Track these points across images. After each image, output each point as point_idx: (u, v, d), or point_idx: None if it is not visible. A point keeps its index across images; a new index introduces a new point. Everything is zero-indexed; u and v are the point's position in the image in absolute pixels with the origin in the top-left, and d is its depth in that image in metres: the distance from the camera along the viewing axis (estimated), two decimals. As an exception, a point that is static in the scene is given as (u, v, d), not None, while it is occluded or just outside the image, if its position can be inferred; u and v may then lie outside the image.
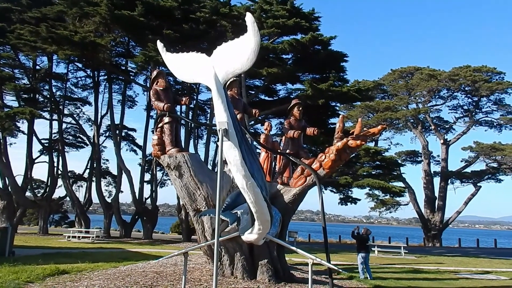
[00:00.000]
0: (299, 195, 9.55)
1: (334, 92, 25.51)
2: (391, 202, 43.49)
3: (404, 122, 45.56)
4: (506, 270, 18.28)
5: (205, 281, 8.43)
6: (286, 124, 10.19)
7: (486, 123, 45.88)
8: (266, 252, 9.15)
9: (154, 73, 10.29)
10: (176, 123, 10.06)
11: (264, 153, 11.44)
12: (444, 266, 18.79)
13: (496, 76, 43.33)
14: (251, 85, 30.58)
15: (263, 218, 6.97)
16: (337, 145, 8.78)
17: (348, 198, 34.63)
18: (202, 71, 6.63)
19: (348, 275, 13.20)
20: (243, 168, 6.28)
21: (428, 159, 46.05)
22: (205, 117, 35.78)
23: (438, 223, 43.66)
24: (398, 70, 46.77)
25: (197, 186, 9.21)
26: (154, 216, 31.72)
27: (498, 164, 43.64)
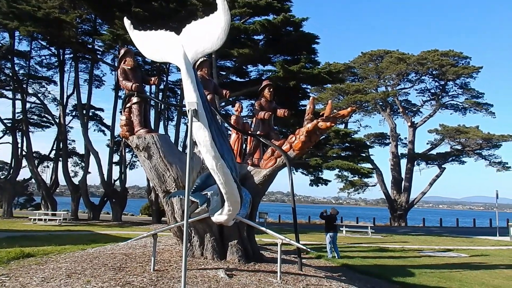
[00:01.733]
0: (269, 177, 9.57)
1: (305, 74, 25.55)
2: (359, 183, 44.43)
3: (373, 104, 46.31)
4: (466, 248, 19.04)
5: (174, 262, 8.40)
6: (257, 105, 10.14)
7: (451, 106, 47.20)
8: (236, 233, 9.18)
9: (121, 51, 9.97)
10: (145, 103, 9.84)
11: (235, 135, 11.38)
12: (409, 245, 19.41)
13: (462, 60, 44.43)
14: (222, 66, 30.28)
15: (233, 199, 6.96)
16: (307, 126, 8.80)
17: (318, 180, 35.13)
18: (171, 50, 6.47)
19: (317, 255, 13.47)
20: (213, 149, 6.22)
21: (396, 141, 47.09)
22: (175, 99, 35.32)
23: (404, 203, 44.95)
24: (368, 53, 47.27)
25: (166, 167, 9.09)
26: (123, 198, 31.35)
27: (462, 147, 45.09)
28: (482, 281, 10.67)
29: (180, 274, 6.69)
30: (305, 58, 26.48)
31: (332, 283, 8.16)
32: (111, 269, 7.48)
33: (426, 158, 46.69)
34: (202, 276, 7.31)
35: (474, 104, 45.27)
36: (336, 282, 8.43)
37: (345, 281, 8.90)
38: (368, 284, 9.07)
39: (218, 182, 6.64)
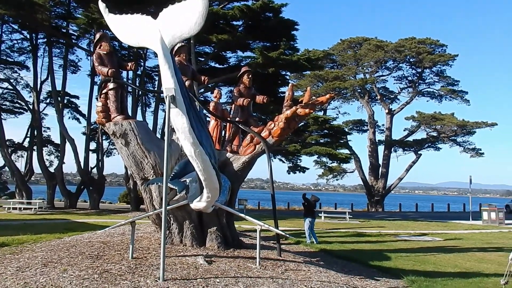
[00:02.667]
0: (248, 163, 9.57)
1: (284, 60, 25.47)
2: (338, 170, 44.95)
3: (352, 91, 46.64)
4: (441, 232, 19.52)
5: (153, 249, 8.36)
6: (236, 91, 10.09)
7: (428, 93, 47.90)
8: (215, 220, 9.18)
9: (97, 36, 9.74)
10: (121, 89, 9.66)
11: (214, 121, 11.32)
12: (385, 230, 19.78)
13: (438, 48, 45.01)
14: (201, 52, 29.95)
15: (211, 186, 6.94)
16: (286, 113, 8.81)
17: (296, 167, 35.36)
18: (148, 35, 6.35)
19: (296, 240, 13.60)
20: (191, 136, 6.16)
21: (374, 128, 47.65)
22: (152, 85, 34.84)
23: (381, 189, 45.70)
24: (347, 40, 47.42)
25: (144, 154, 8.98)
26: (100, 185, 30.96)
27: (437, 133, 45.93)
28: (455, 263, 10.97)
29: (159, 261, 6.67)
30: (284, 44, 26.36)
31: (311, 268, 8.26)
32: (89, 258, 7.40)
33: (403, 144, 47.42)
34: (181, 263, 7.30)
35: (449, 92, 46.04)
36: (314, 267, 8.55)
37: (323, 265, 9.02)
38: (345, 268, 9.21)
39: (196, 169, 6.61)
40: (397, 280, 8.40)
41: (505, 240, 16.35)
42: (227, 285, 6.27)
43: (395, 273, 9.00)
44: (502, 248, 13.94)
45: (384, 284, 7.96)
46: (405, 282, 8.08)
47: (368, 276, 8.52)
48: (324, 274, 7.90)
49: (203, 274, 6.72)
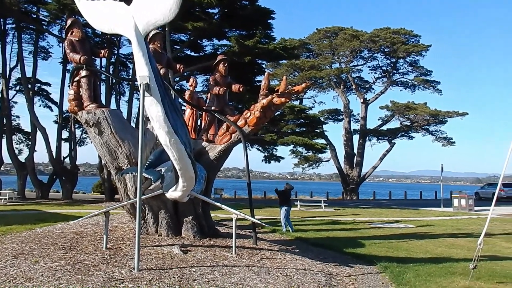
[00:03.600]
0: (224, 152, 9.55)
1: (261, 49, 25.38)
2: (313, 159, 45.33)
3: (328, 81, 46.91)
4: (413, 219, 19.97)
5: (128, 239, 8.28)
6: (212, 80, 10.01)
7: (402, 83, 48.59)
8: (191, 209, 9.15)
9: (68, 22, 9.49)
10: (94, 77, 9.46)
11: (189, 110, 11.21)
12: (360, 217, 20.10)
13: (412, 38, 45.61)
14: (176, 40, 29.51)
15: (187, 175, 6.90)
16: (262, 102, 8.80)
17: (272, 156, 35.45)
18: (121, 21, 6.23)
19: (272, 229, 13.68)
20: (166, 125, 6.10)
21: (349, 117, 48.15)
22: (127, 73, 34.21)
23: (356, 177, 46.37)
24: (323, 29, 47.55)
25: (118, 143, 8.84)
26: (73, 175, 30.38)
27: (410, 122, 46.75)
28: (427, 249, 11.24)
29: (133, 251, 6.61)
30: (260, 33, 26.24)
31: (286, 256, 8.33)
32: (61, 249, 7.28)
33: (377, 133, 48.12)
34: (157, 253, 7.25)
35: (422, 82, 46.80)
36: (290, 254, 8.63)
37: (299, 253, 9.12)
38: (320, 256, 9.33)
39: (172, 158, 6.56)
40: (371, 266, 8.55)
41: (474, 226, 16.84)
42: (203, 274, 6.27)
43: (369, 260, 9.17)
44: (471, 234, 14.36)
45: (358, 271, 8.10)
46: (378, 268, 8.24)
47: (343, 263, 8.65)
48: (299, 261, 7.99)
49: (179, 264, 6.70)
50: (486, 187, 42.01)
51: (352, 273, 7.81)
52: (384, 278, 7.59)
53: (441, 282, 7.09)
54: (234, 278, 6.26)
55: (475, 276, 7.24)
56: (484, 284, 7.04)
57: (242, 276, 6.40)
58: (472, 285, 6.89)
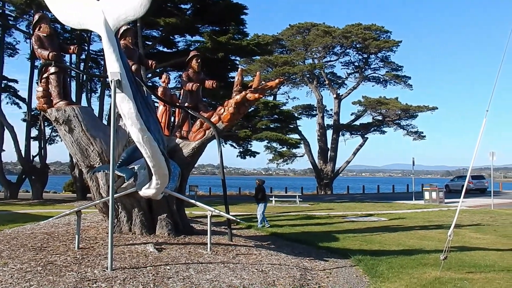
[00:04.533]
0: (198, 149, 9.49)
1: (234, 45, 25.33)
2: (288, 154, 45.56)
3: (301, 76, 47.17)
4: (386, 212, 20.35)
5: (101, 239, 8.15)
6: (184, 76, 9.92)
7: (373, 79, 49.32)
8: (165, 207, 9.07)
9: (36, 17, 9.22)
10: (64, 73, 9.24)
11: (162, 107, 11.10)
12: (334, 212, 20.34)
13: (383, 34, 46.29)
14: (148, 35, 29.13)
15: (160, 173, 6.83)
16: (236, 98, 8.77)
17: (247, 152, 35.49)
18: (90, 17, 6.09)
19: (247, 225, 13.71)
20: (139, 122, 6.02)
21: (322, 113, 48.58)
22: (98, 69, 33.54)
23: (330, 172, 46.88)
24: (296, 25, 47.72)
25: (89, 141, 8.68)
26: (43, 174, 29.68)
27: (382, 117, 47.54)
28: (399, 242, 11.47)
29: (106, 250, 6.51)
30: (233, 29, 26.19)
31: (261, 251, 8.36)
32: (31, 250, 7.10)
33: (350, 128, 48.73)
34: (130, 252, 7.16)
35: (393, 77, 47.62)
36: (265, 250, 8.66)
37: (274, 249, 9.16)
38: (295, 250, 9.40)
39: (145, 155, 6.48)
40: (345, 259, 8.67)
41: (445, 218, 17.28)
42: (177, 272, 6.22)
43: (343, 253, 9.29)
44: (442, 226, 14.73)
45: (333, 264, 8.20)
46: (353, 262, 8.36)
47: (318, 257, 8.73)
48: (274, 257, 8.03)
49: (153, 262, 6.63)
50: (456, 179, 43.16)
51: (327, 267, 7.90)
52: (358, 271, 7.70)
53: (413, 274, 7.25)
54: (210, 275, 6.24)
55: (445, 267, 7.43)
56: (454, 274, 7.23)
57: (218, 272, 6.39)
58: (443, 275, 7.07)
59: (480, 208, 22.90)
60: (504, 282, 6.74)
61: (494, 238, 12.37)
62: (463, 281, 6.73)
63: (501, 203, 26.15)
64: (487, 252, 9.97)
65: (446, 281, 6.70)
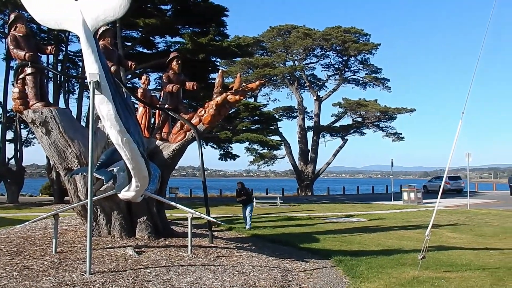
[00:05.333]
0: (179, 151, 9.44)
1: (215, 46, 25.28)
2: (268, 156, 45.67)
3: (282, 78, 47.34)
4: (365, 213, 20.57)
5: (79, 242, 8.02)
6: (165, 77, 9.85)
7: (353, 81, 49.80)
8: (145, 209, 8.98)
9: (12, 16, 9.03)
10: (41, 74, 9.07)
11: (142, 108, 11.00)
12: (315, 213, 20.47)
13: (363, 37, 46.82)
14: (128, 36, 28.81)
15: (140, 175, 6.77)
16: (216, 100, 8.76)
17: (227, 154, 35.40)
18: (68, 17, 5.99)
19: (228, 227, 13.68)
20: (118, 123, 5.95)
21: (303, 115, 48.83)
22: (76, 70, 33.03)
23: (311, 174, 47.13)
24: (276, 27, 47.89)
25: (67, 143, 8.54)
26: (19, 177, 29.02)
27: (362, 119, 48.05)
28: (379, 242, 11.61)
29: (85, 254, 6.40)
30: (214, 30, 26.12)
31: (242, 253, 8.35)
32: (7, 254, 6.94)
33: (331, 130, 49.10)
34: (110, 255, 7.07)
35: (373, 79, 48.19)
36: (246, 252, 8.65)
37: (255, 250, 9.16)
38: (276, 252, 9.42)
39: (124, 157, 6.41)
40: (326, 260, 8.73)
41: (423, 218, 17.56)
42: (158, 275, 6.17)
43: (324, 254, 9.36)
44: (420, 226, 14.96)
45: (313, 265, 8.25)
46: (333, 262, 8.43)
47: (298, 258, 8.78)
48: (255, 258, 8.03)
49: (133, 265, 6.56)
50: (433, 180, 43.90)
51: (308, 268, 7.94)
52: (338, 271, 7.77)
53: (392, 273, 7.35)
54: (190, 277, 6.21)
55: (423, 266, 7.55)
56: (432, 273, 7.35)
57: (198, 275, 6.36)
58: (421, 275, 7.18)
59: (457, 208, 23.35)
60: (480, 281, 6.89)
61: (470, 238, 12.63)
62: (441, 280, 6.85)
63: (477, 203, 26.74)
64: (464, 251, 10.18)
65: (424, 280, 6.81)
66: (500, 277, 7.18)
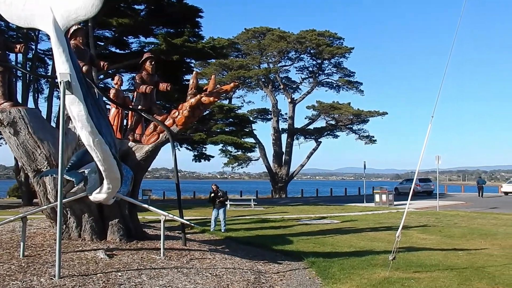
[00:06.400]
0: (152, 152, 9.34)
1: (189, 48, 25.11)
2: (243, 158, 45.68)
3: (256, 81, 47.48)
4: (338, 215, 20.81)
5: (48, 245, 7.83)
6: (138, 78, 9.73)
7: (327, 84, 50.37)
8: (117, 212, 8.85)
9: (-22, 14, 8.77)
10: (9, 73, 8.84)
11: (115, 109, 10.83)
12: (288, 215, 20.58)
13: (336, 41, 47.40)
14: (100, 36, 28.33)
15: (112, 177, 6.67)
16: (190, 101, 8.72)
17: (202, 156, 35.22)
18: (39, 15, 5.86)
19: (201, 229, 13.60)
20: (89, 124, 5.84)
21: (277, 117, 49.06)
22: (45, 69, 32.28)
23: (285, 176, 47.36)
24: (251, 30, 47.99)
25: (37, 144, 8.34)
26: (-14, 179, 28.18)
27: (335, 122, 48.62)
28: (351, 243, 11.77)
29: (54, 258, 6.26)
30: (188, 31, 25.94)
31: (216, 256, 8.33)
32: (-28, 259, 6.72)
33: (305, 132, 49.50)
34: (80, 259, 6.93)
35: (346, 82, 48.85)
36: (220, 254, 8.63)
37: (228, 252, 9.15)
38: (250, 254, 9.43)
39: (96, 159, 6.30)
40: (299, 262, 8.79)
41: (394, 220, 17.89)
42: (129, 278, 6.09)
43: (297, 256, 9.42)
44: (391, 227, 15.24)
45: (287, 267, 8.29)
46: (306, 264, 8.49)
47: (272, 260, 8.80)
48: (229, 261, 8.02)
49: (104, 269, 6.45)
50: (404, 182, 44.75)
51: (281, 270, 7.98)
52: (311, 273, 7.84)
53: (364, 274, 7.46)
54: (163, 280, 6.15)
55: (394, 267, 7.70)
56: (402, 274, 7.51)
57: (171, 278, 6.30)
58: (391, 275, 7.32)
59: (427, 209, 23.90)
60: (448, 281, 7.07)
61: (439, 239, 12.94)
62: (410, 280, 7.00)
63: (446, 205, 27.42)
64: (433, 252, 10.42)
65: (394, 281, 6.94)
66: (467, 277, 7.39)
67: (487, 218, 19.00)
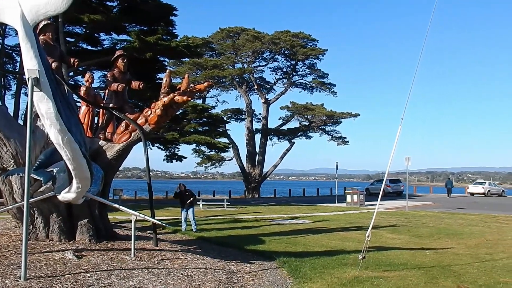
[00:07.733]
0: (123, 151, 9.20)
1: (163, 46, 24.86)
2: (216, 158, 45.53)
3: (230, 80, 47.42)
4: (310, 215, 21.00)
5: (14, 246, 7.61)
6: (110, 76, 9.58)
7: (301, 85, 50.73)
8: (86, 212, 8.68)
9: None
10: (-26, 68, 8.56)
11: (85, 107, 10.63)
12: (261, 215, 20.63)
13: (310, 42, 47.81)
14: (71, 32, 27.70)
15: (82, 176, 6.54)
16: (163, 100, 8.63)
17: (174, 155, 34.93)
18: (6, 10, 5.69)
19: (173, 229, 13.49)
20: (58, 122, 5.72)
21: (251, 117, 49.12)
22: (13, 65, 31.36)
23: (258, 176, 47.46)
24: (226, 29, 47.89)
25: (2, 142, 8.09)
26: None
27: (309, 122, 49.05)
28: (322, 243, 11.90)
29: (20, 259, 6.09)
30: (162, 29, 25.69)
31: (187, 256, 8.28)
32: None
33: (278, 133, 49.73)
34: (47, 260, 6.77)
35: (319, 84, 49.33)
36: (191, 254, 8.58)
37: (200, 253, 9.10)
38: (222, 254, 9.41)
39: (65, 157, 6.17)
40: (271, 262, 8.83)
41: (364, 220, 18.18)
42: (98, 279, 5.98)
43: (269, 256, 9.45)
44: (361, 227, 15.48)
45: (258, 267, 8.31)
46: (278, 263, 8.54)
47: (244, 260, 8.81)
48: (201, 261, 7.98)
49: (72, 270, 6.32)
50: (375, 183, 45.56)
51: (253, 270, 7.99)
52: (283, 272, 7.88)
53: (334, 273, 7.55)
54: (133, 281, 6.07)
55: (364, 266, 7.82)
56: (371, 273, 7.64)
57: (141, 278, 6.23)
58: (361, 274, 7.44)
59: (396, 210, 24.39)
60: (415, 279, 7.24)
61: (408, 238, 13.23)
62: (379, 279, 7.13)
63: (415, 205, 28.06)
64: (401, 251, 10.65)
65: (364, 280, 7.06)
66: (434, 275, 7.59)
67: (454, 218, 19.54)
